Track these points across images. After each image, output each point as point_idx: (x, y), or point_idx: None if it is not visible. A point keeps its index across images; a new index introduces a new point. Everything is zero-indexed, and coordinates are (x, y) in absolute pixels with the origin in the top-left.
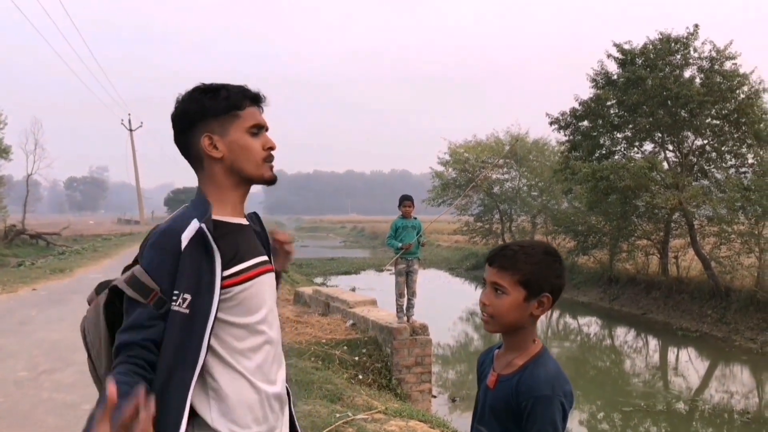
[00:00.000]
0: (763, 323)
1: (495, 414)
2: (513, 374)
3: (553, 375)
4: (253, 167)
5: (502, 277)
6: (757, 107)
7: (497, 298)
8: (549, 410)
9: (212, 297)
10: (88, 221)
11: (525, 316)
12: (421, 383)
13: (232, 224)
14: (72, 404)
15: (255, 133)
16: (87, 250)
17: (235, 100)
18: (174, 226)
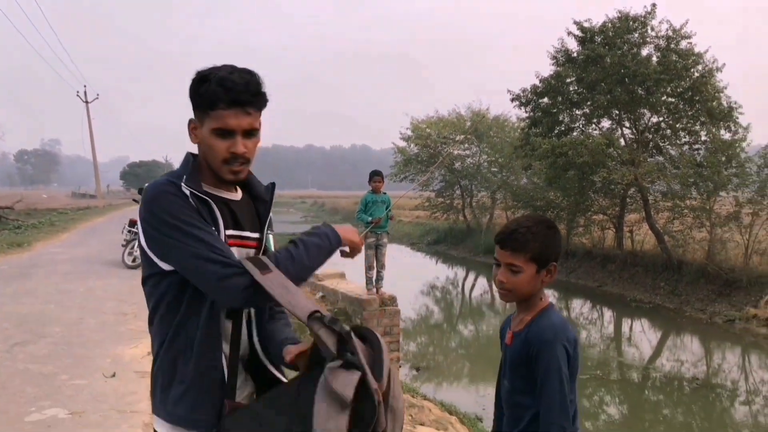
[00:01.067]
0: (712, 295)
1: (513, 367)
2: (523, 329)
3: (555, 324)
4: (215, 166)
5: (516, 258)
6: (710, 86)
7: (513, 276)
8: (553, 354)
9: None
10: (41, 195)
11: (537, 285)
12: (390, 352)
13: (216, 195)
14: (48, 374)
15: (222, 135)
16: (44, 224)
17: (209, 98)
18: (166, 181)
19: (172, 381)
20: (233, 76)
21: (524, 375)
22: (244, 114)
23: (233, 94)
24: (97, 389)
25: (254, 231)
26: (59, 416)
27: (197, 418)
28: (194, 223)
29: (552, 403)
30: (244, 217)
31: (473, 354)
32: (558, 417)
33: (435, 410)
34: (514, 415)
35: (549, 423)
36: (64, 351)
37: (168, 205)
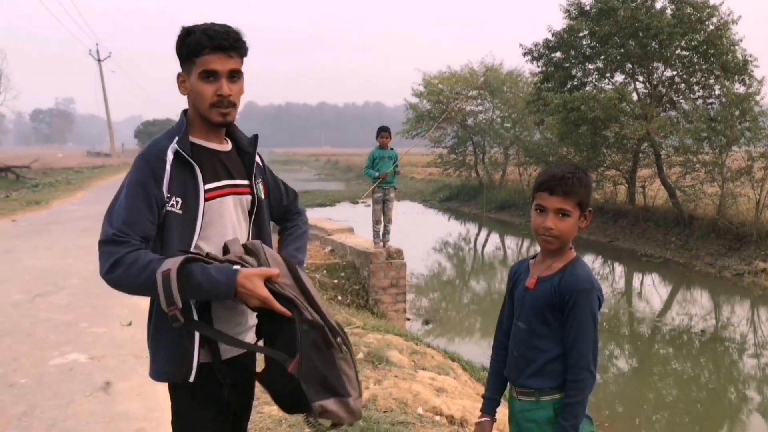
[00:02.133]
0: (722, 249)
1: (536, 310)
2: (553, 275)
3: (590, 274)
4: (203, 110)
5: (566, 203)
6: (725, 39)
7: (561, 222)
8: (589, 301)
9: (198, 201)
10: (57, 154)
11: (577, 230)
12: (396, 303)
13: (207, 148)
14: (70, 323)
15: (208, 79)
16: (60, 182)
17: (194, 47)
18: (161, 141)
19: (148, 335)
20: (215, 26)
21: (547, 320)
22: (227, 57)
23: (216, 41)
24: (115, 336)
25: (244, 179)
26: (80, 360)
27: (167, 371)
28: (138, 192)
29: (587, 350)
30: (234, 167)
31: (484, 309)
32: (590, 363)
33: (438, 357)
34: (527, 356)
35: (582, 368)
36: (83, 301)
37: (136, 165)
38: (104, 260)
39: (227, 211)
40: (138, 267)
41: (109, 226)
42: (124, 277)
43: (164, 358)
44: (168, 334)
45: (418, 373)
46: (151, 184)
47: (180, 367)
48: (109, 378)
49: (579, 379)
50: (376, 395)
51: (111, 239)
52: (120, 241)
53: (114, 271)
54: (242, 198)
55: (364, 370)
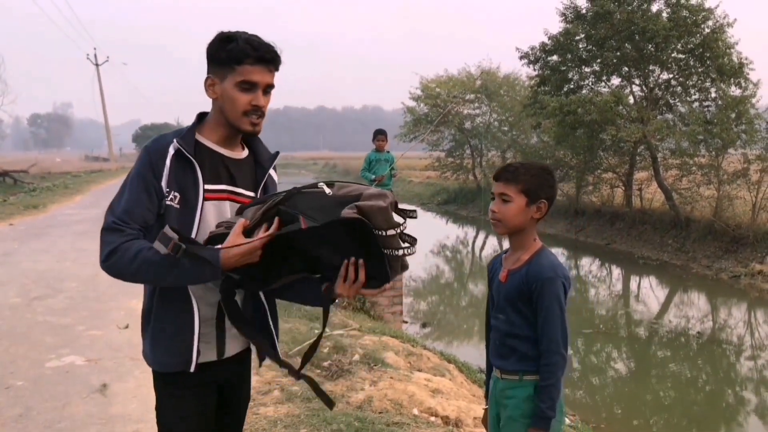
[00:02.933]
0: (718, 251)
1: (509, 301)
2: (521, 267)
3: (553, 263)
4: (234, 117)
5: (507, 188)
6: (721, 41)
7: (504, 206)
8: (554, 289)
9: (197, 198)
10: (55, 159)
11: (527, 219)
12: (393, 305)
13: (214, 151)
14: (66, 325)
15: (246, 89)
16: (58, 187)
17: (236, 55)
18: (167, 136)
19: (146, 325)
20: (257, 38)
21: (520, 309)
22: (267, 71)
23: (260, 52)
24: (112, 339)
25: (250, 190)
26: (77, 363)
27: (165, 361)
28: (139, 183)
29: (554, 334)
30: (241, 176)
31: (481, 312)
32: (559, 346)
33: (434, 358)
34: (508, 344)
35: (552, 352)
36: (80, 304)
37: (139, 157)
38: (103, 248)
39: (224, 216)
40: (131, 254)
41: (111, 215)
42: (118, 265)
43: (164, 349)
44: (169, 327)
45: (413, 374)
46: (150, 175)
47: (180, 358)
48: (105, 380)
49: (551, 363)
50: (372, 396)
51: (110, 227)
52: (118, 229)
53: (110, 258)
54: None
55: (359, 371)
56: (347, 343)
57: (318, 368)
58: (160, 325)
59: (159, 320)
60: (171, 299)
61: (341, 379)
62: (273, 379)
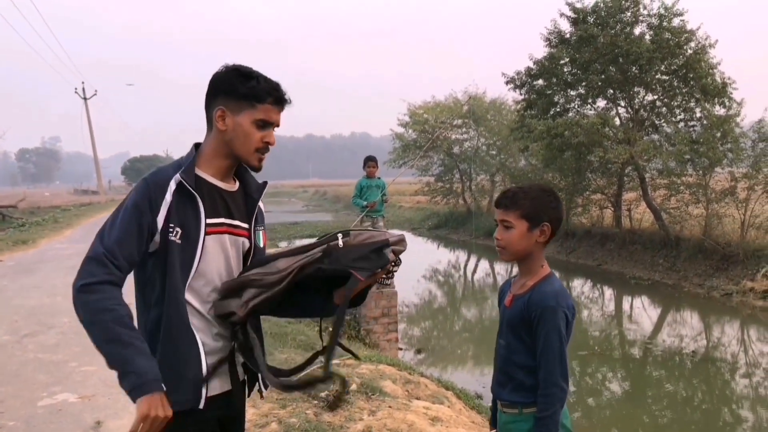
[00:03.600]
0: (709, 269)
1: (511, 327)
2: (525, 293)
3: (557, 291)
4: (245, 152)
5: (507, 214)
6: (704, 62)
7: (506, 233)
8: (554, 318)
9: (199, 233)
10: (44, 193)
11: (531, 244)
12: (388, 333)
13: (212, 184)
14: (58, 362)
15: (261, 126)
16: (47, 221)
17: (258, 93)
18: (166, 169)
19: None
20: (271, 79)
21: (521, 336)
22: (280, 111)
23: (279, 93)
24: (106, 375)
25: (244, 222)
26: (69, 400)
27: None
28: (133, 215)
29: (553, 366)
30: (236, 208)
31: (476, 336)
32: (557, 378)
33: (431, 386)
34: (507, 372)
35: (550, 383)
36: (72, 340)
37: (137, 188)
38: (82, 276)
39: (225, 250)
40: (103, 306)
41: (100, 243)
42: (87, 304)
43: (172, 388)
44: (176, 364)
45: (412, 402)
46: (146, 208)
47: (189, 395)
48: (99, 417)
49: (548, 394)
50: (371, 426)
51: (97, 257)
52: (103, 263)
53: (84, 292)
54: (238, 240)
55: (357, 401)
56: (344, 373)
57: (315, 399)
58: (167, 362)
59: (165, 358)
60: (175, 336)
61: (339, 409)
62: (270, 412)
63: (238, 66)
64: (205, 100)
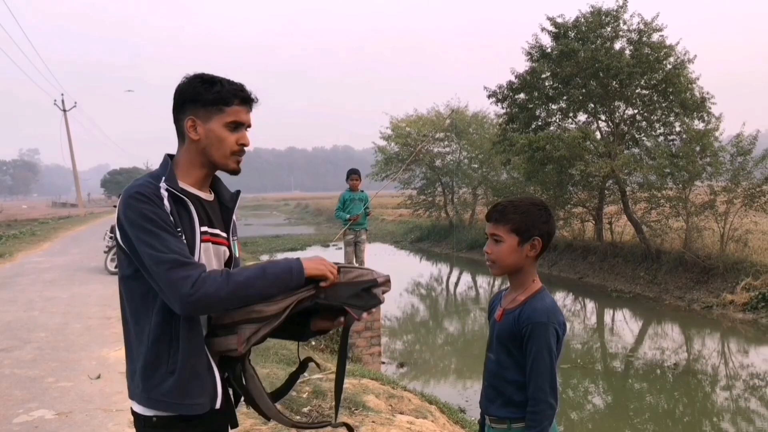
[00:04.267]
0: (690, 282)
1: (501, 341)
2: (516, 308)
3: (548, 307)
4: (221, 157)
5: (497, 228)
6: (683, 77)
7: (496, 247)
8: (545, 335)
9: (195, 239)
10: (21, 205)
11: (521, 258)
12: (371, 347)
13: (192, 194)
14: (35, 378)
15: (233, 129)
16: (25, 234)
17: (224, 96)
18: (150, 182)
19: (156, 371)
20: (234, 81)
21: (511, 351)
22: (249, 111)
23: (244, 94)
24: (84, 390)
25: (223, 231)
26: (46, 417)
27: (190, 403)
28: (159, 222)
29: (543, 382)
30: (215, 217)
31: (458, 350)
32: (547, 395)
33: (415, 400)
34: (496, 387)
35: (539, 400)
36: (49, 355)
37: (141, 207)
38: (182, 283)
39: (210, 259)
40: (220, 279)
41: (167, 254)
42: (210, 292)
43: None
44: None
45: (395, 417)
46: (164, 214)
47: (205, 398)
48: None
49: (537, 411)
50: None
51: (177, 262)
52: (187, 263)
53: (196, 289)
54: (220, 249)
55: (340, 417)
56: (327, 388)
57: (298, 414)
58: (187, 366)
59: (184, 363)
60: (192, 341)
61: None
62: (252, 428)
63: (200, 74)
64: (173, 112)
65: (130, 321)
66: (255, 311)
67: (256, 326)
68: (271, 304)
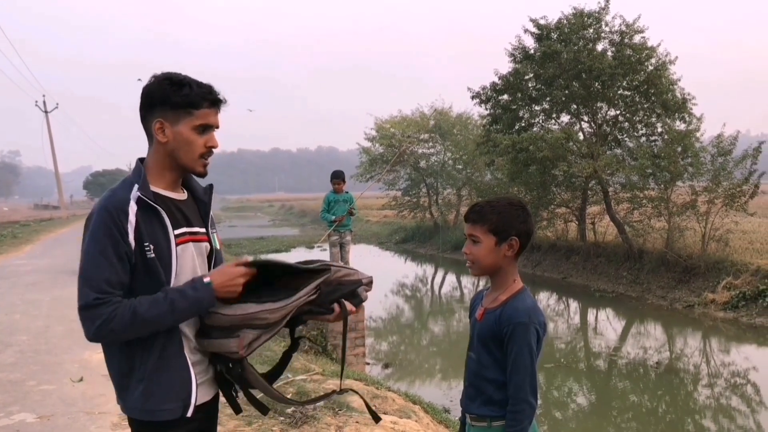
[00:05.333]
0: (672, 282)
1: (482, 341)
2: (497, 308)
3: (529, 307)
4: (189, 160)
5: (475, 229)
6: (664, 78)
7: (474, 247)
8: (526, 335)
9: (170, 246)
10: (2, 208)
11: (499, 258)
12: (356, 347)
13: (166, 197)
14: (16, 381)
15: (201, 132)
16: (5, 236)
17: (193, 99)
18: (119, 192)
19: (129, 379)
20: (203, 82)
21: (491, 350)
22: (217, 112)
23: (213, 96)
24: (66, 393)
25: (201, 227)
26: (27, 420)
27: (159, 409)
28: (107, 243)
29: (523, 382)
30: (191, 215)
31: (443, 350)
32: (527, 394)
33: (399, 400)
34: (477, 386)
35: (519, 399)
36: (31, 358)
37: (100, 219)
38: (92, 323)
39: (192, 258)
40: (127, 318)
41: (89, 290)
42: (116, 332)
43: (162, 395)
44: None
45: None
46: (118, 237)
47: (178, 403)
48: None
49: (517, 410)
50: None
51: (93, 304)
52: (103, 303)
53: (103, 330)
54: (201, 245)
55: (324, 417)
56: (311, 388)
57: (281, 415)
58: (157, 370)
59: (155, 366)
60: (165, 347)
61: (306, 425)
62: (236, 429)
63: (169, 75)
64: (140, 113)
65: None
66: (258, 318)
67: (258, 332)
68: (274, 312)
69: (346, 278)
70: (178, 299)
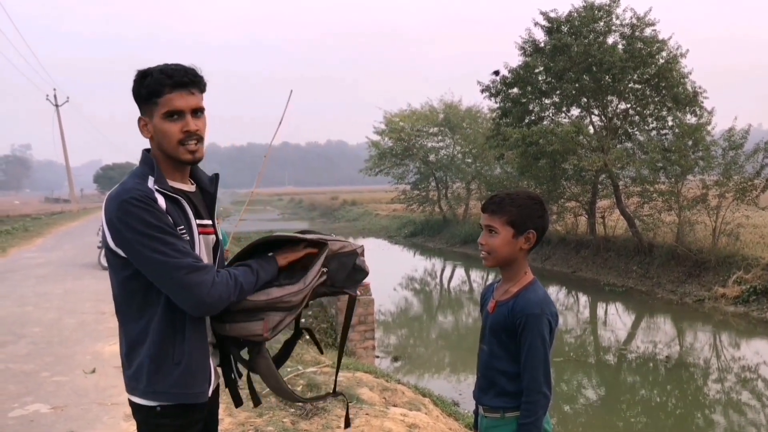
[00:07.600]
0: (682, 276)
1: (494, 333)
2: (509, 300)
3: (542, 298)
4: (171, 150)
5: (493, 220)
6: (675, 71)
7: (491, 238)
8: (539, 326)
9: (193, 234)
10: (13, 201)
11: (515, 250)
12: (365, 340)
13: (178, 189)
14: (30, 372)
15: (173, 118)
16: (17, 229)
17: (154, 88)
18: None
19: (163, 364)
20: (171, 65)
21: (504, 342)
22: (188, 94)
23: (176, 78)
24: (78, 384)
25: (209, 219)
26: (41, 411)
27: (194, 392)
28: (166, 231)
29: (537, 372)
30: (201, 207)
31: (452, 344)
32: (542, 385)
33: (408, 393)
34: (489, 378)
35: (534, 390)
36: (44, 350)
37: (141, 213)
38: (199, 288)
39: (202, 249)
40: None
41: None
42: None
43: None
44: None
45: (389, 410)
46: (167, 219)
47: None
48: (72, 428)
49: (532, 401)
50: None
51: (193, 266)
52: (201, 267)
53: (213, 292)
54: (209, 238)
55: (334, 409)
56: (321, 381)
57: (292, 407)
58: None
59: (190, 349)
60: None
61: (316, 417)
62: (246, 420)
63: (140, 69)
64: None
65: (131, 319)
66: (283, 300)
67: (283, 314)
68: (297, 294)
69: (342, 250)
70: (260, 271)
